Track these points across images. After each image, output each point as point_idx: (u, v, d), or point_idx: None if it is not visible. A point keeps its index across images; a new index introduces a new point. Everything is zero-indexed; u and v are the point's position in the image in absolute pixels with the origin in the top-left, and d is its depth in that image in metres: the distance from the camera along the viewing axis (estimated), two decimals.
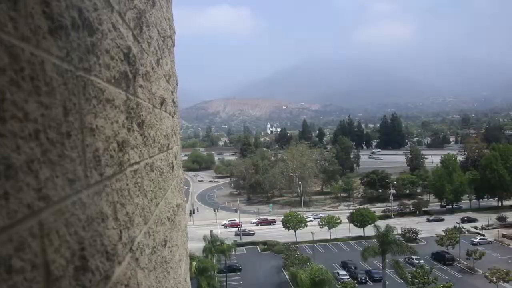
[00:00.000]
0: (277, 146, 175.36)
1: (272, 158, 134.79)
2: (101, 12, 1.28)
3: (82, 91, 1.10)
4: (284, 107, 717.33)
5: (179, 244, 3.00)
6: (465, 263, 59.68)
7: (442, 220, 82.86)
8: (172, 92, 3.16)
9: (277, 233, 76.99)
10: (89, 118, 1.15)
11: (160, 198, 2.33)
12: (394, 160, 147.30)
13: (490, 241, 69.24)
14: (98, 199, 1.16)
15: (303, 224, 71.25)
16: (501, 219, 78.24)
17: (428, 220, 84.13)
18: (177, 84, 3.64)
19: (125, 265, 1.40)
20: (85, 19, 1.14)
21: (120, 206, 1.40)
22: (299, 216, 73.48)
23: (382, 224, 53.97)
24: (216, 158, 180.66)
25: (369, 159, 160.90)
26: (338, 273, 56.14)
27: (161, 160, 2.43)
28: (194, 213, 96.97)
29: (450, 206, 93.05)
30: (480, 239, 69.28)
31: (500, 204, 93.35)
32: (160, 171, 2.37)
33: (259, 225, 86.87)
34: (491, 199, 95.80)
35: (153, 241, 2.00)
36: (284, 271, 57.96)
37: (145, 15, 2.12)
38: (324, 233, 72.64)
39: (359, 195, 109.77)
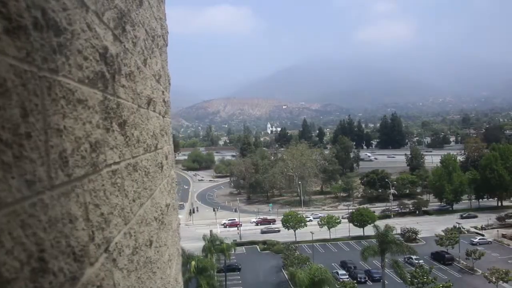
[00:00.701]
0: (277, 145, 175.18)
1: (272, 157, 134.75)
2: (72, 12, 1.26)
3: (47, 92, 1.09)
4: (284, 107, 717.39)
5: (169, 244, 3.00)
6: (465, 263, 59.64)
7: (476, 217, 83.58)
8: (163, 92, 3.15)
9: (277, 232, 77.08)
10: (56, 118, 1.13)
11: (146, 198, 2.33)
12: (391, 161, 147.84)
13: (490, 241, 69.21)
14: (64, 200, 1.15)
15: (302, 224, 71.27)
16: (501, 219, 78.27)
17: (462, 217, 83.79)
18: (169, 83, 3.63)
19: (98, 266, 1.39)
20: (50, 19, 1.12)
21: (94, 207, 1.39)
22: (299, 215, 73.49)
23: (381, 224, 54.05)
24: (216, 158, 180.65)
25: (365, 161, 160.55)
26: (337, 273, 56.12)
27: (147, 160, 2.42)
28: (194, 212, 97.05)
29: (449, 206, 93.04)
30: (479, 239, 69.26)
31: (500, 204, 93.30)
32: (145, 171, 2.36)
33: (259, 224, 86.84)
34: (490, 199, 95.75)
35: (135, 241, 1.99)
36: (283, 270, 57.98)
37: (130, 14, 2.11)
38: (323, 233, 72.63)
39: (359, 195, 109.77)
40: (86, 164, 1.34)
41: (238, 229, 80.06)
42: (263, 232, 79.80)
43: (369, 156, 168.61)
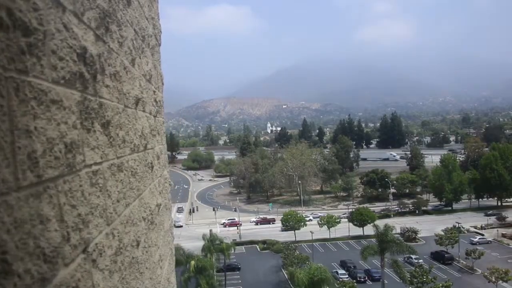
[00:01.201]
0: (277, 145, 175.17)
1: (272, 157, 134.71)
2: (44, 13, 1.25)
3: (14, 93, 1.08)
4: (284, 106, 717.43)
5: (160, 244, 2.99)
6: (464, 262, 59.63)
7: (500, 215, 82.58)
8: (154, 91, 3.14)
9: (277, 232, 77.07)
10: (25, 119, 1.12)
11: (133, 198, 2.33)
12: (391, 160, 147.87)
13: (490, 240, 69.19)
14: (34, 202, 1.14)
15: (302, 224, 71.25)
16: (501, 218, 78.24)
17: (486, 214, 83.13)
18: (162, 83, 3.61)
19: (74, 267, 1.38)
20: (17, 19, 1.11)
21: (70, 208, 1.39)
22: (298, 215, 73.48)
23: (381, 223, 54.00)
24: (215, 157, 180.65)
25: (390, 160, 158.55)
26: (337, 272, 56.14)
27: (134, 161, 2.42)
28: (193, 212, 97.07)
29: (441, 206, 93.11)
30: (479, 238, 69.25)
31: (499, 203, 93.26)
32: (132, 171, 2.36)
33: (259, 224, 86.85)
34: (490, 198, 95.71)
35: (119, 242, 1.98)
36: (283, 270, 57.98)
37: (116, 14, 2.10)
38: (323, 233, 72.63)
39: (359, 195, 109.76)
40: (61, 165, 1.33)
41: (237, 228, 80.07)
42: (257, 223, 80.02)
43: (394, 156, 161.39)
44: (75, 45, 1.51)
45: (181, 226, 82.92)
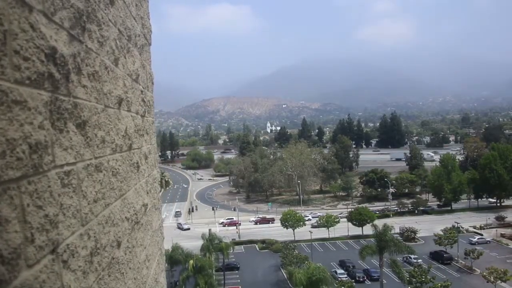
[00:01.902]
0: (276, 144, 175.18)
1: (271, 156, 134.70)
2: (5, 12, 1.24)
3: None
4: (284, 106, 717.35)
5: (147, 244, 2.97)
6: (463, 262, 59.65)
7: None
8: (142, 91, 3.12)
9: (276, 231, 77.01)
10: None
11: (113, 198, 2.32)
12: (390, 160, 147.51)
13: (489, 240, 69.16)
14: None
15: (301, 223, 71.23)
16: (500, 218, 78.24)
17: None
18: (152, 83, 3.60)
19: (40, 268, 1.37)
20: None
21: (36, 209, 1.37)
22: (298, 214, 73.45)
23: (380, 223, 53.96)
24: (215, 157, 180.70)
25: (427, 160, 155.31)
26: (336, 272, 56.14)
27: (115, 161, 2.41)
28: (193, 211, 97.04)
29: (431, 208, 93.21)
30: (478, 238, 69.24)
31: (499, 203, 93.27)
32: (113, 171, 2.35)
33: (258, 223, 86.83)
34: (490, 198, 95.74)
35: (96, 242, 1.97)
36: (282, 269, 57.98)
37: (96, 14, 2.09)
38: (322, 232, 72.63)
39: (358, 194, 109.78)
40: (24, 166, 1.32)
41: (237, 228, 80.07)
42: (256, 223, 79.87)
43: (432, 156, 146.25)
44: (42, 45, 1.49)
45: (188, 229, 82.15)
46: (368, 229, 62.23)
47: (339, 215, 77.32)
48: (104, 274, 2.08)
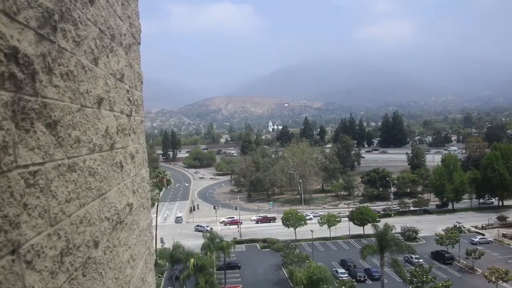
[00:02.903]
0: (278, 143, 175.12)
1: (273, 155, 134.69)
2: None
3: None
4: (286, 105, 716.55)
5: (133, 244, 2.96)
6: (465, 262, 59.54)
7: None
8: (128, 90, 3.11)
9: (277, 230, 77.02)
10: None
11: (91, 198, 2.31)
12: (392, 159, 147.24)
13: (490, 240, 69.02)
14: None
15: (302, 222, 71.19)
16: (501, 218, 78.04)
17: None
18: (141, 82, 3.58)
19: None
20: None
21: None
22: (299, 214, 73.40)
23: (382, 222, 53.88)
24: (216, 156, 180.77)
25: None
26: (337, 271, 56.14)
27: (93, 160, 2.39)
28: (194, 210, 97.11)
29: (423, 209, 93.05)
30: (480, 238, 69.11)
31: (500, 203, 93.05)
32: (90, 171, 2.33)
33: (259, 222, 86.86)
34: (491, 198, 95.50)
35: (67, 242, 1.95)
36: (283, 268, 57.98)
37: (71, 13, 2.07)
38: (323, 231, 72.59)
39: (360, 194, 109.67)
40: None
41: (238, 227, 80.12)
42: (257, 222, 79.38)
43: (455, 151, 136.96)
44: (1, 45, 1.47)
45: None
46: (369, 229, 62.13)
47: (338, 214, 77.15)
48: (77, 274, 2.06)
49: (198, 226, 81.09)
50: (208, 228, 76.08)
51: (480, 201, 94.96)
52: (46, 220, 1.72)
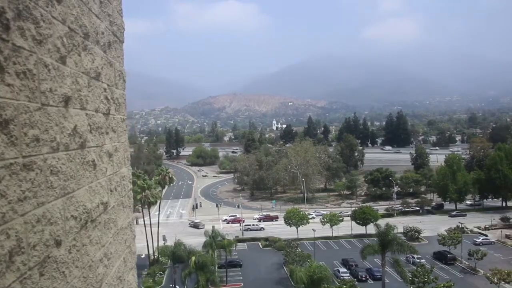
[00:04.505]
0: (281, 142, 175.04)
1: (276, 154, 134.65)
2: None
3: None
4: (290, 104, 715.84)
5: (108, 242, 2.95)
6: (467, 263, 59.37)
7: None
8: (105, 89, 3.10)
9: (279, 229, 77.03)
10: None
11: (52, 197, 2.29)
12: (396, 159, 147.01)
13: (493, 241, 68.74)
14: None
15: (305, 221, 71.14)
16: (505, 219, 77.71)
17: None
18: (123, 80, 3.56)
19: None
20: None
21: None
22: (301, 213, 73.35)
23: (384, 222, 53.73)
24: (220, 154, 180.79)
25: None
26: (338, 271, 56.13)
27: (57, 159, 2.37)
28: (197, 208, 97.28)
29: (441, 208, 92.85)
30: (482, 239, 68.85)
31: (504, 204, 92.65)
32: (52, 170, 2.31)
33: (262, 221, 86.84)
34: (495, 199, 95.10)
35: (18, 241, 1.93)
36: (284, 267, 57.99)
37: (31, 12, 2.05)
38: (326, 230, 72.52)
39: (363, 193, 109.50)
40: None
41: (240, 225, 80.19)
42: (245, 229, 79.01)
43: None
44: None
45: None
46: (372, 228, 62.06)
47: (339, 214, 77.02)
48: (32, 274, 2.03)
49: (192, 222, 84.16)
50: (198, 222, 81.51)
51: (467, 203, 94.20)
52: None
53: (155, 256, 61.63)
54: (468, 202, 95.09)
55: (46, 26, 2.22)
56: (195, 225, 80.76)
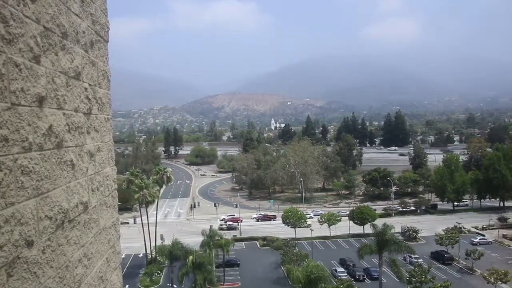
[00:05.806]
0: (280, 141, 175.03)
1: (275, 154, 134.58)
2: None
3: None
4: (288, 103, 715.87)
5: (87, 242, 2.93)
6: (464, 263, 59.46)
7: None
8: (86, 88, 3.08)
9: (277, 229, 77.06)
10: None
11: (24, 197, 2.27)
12: (394, 159, 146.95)
13: (490, 241, 68.89)
14: None
15: (302, 221, 71.16)
16: (502, 219, 77.85)
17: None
18: (108, 80, 3.54)
19: None
20: None
21: None
22: (299, 212, 73.36)
23: (382, 222, 53.76)
24: (218, 153, 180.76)
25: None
26: (336, 270, 56.18)
27: (29, 159, 2.35)
28: (195, 207, 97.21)
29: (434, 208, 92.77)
30: (480, 239, 68.96)
31: (502, 204, 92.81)
32: (23, 170, 2.29)
33: (260, 220, 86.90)
34: (492, 199, 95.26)
35: None
36: (282, 267, 58.00)
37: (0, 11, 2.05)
38: (323, 230, 72.57)
39: (361, 193, 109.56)
40: None
41: (238, 224, 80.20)
42: (228, 228, 79.06)
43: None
44: None
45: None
46: (369, 228, 62.16)
47: (337, 213, 77.03)
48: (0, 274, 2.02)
49: (225, 223, 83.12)
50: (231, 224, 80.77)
51: (455, 203, 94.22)
52: None
53: (153, 255, 61.62)
54: (464, 202, 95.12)
55: (17, 26, 2.19)
56: (230, 227, 79.66)
